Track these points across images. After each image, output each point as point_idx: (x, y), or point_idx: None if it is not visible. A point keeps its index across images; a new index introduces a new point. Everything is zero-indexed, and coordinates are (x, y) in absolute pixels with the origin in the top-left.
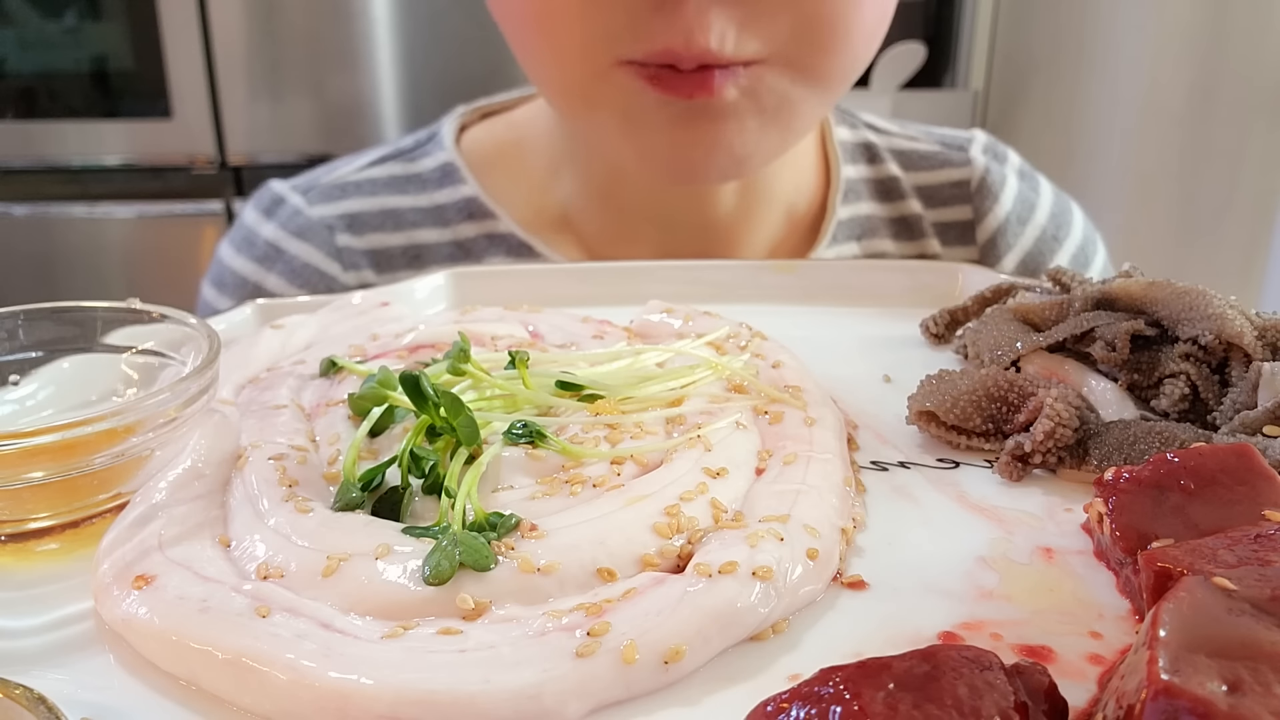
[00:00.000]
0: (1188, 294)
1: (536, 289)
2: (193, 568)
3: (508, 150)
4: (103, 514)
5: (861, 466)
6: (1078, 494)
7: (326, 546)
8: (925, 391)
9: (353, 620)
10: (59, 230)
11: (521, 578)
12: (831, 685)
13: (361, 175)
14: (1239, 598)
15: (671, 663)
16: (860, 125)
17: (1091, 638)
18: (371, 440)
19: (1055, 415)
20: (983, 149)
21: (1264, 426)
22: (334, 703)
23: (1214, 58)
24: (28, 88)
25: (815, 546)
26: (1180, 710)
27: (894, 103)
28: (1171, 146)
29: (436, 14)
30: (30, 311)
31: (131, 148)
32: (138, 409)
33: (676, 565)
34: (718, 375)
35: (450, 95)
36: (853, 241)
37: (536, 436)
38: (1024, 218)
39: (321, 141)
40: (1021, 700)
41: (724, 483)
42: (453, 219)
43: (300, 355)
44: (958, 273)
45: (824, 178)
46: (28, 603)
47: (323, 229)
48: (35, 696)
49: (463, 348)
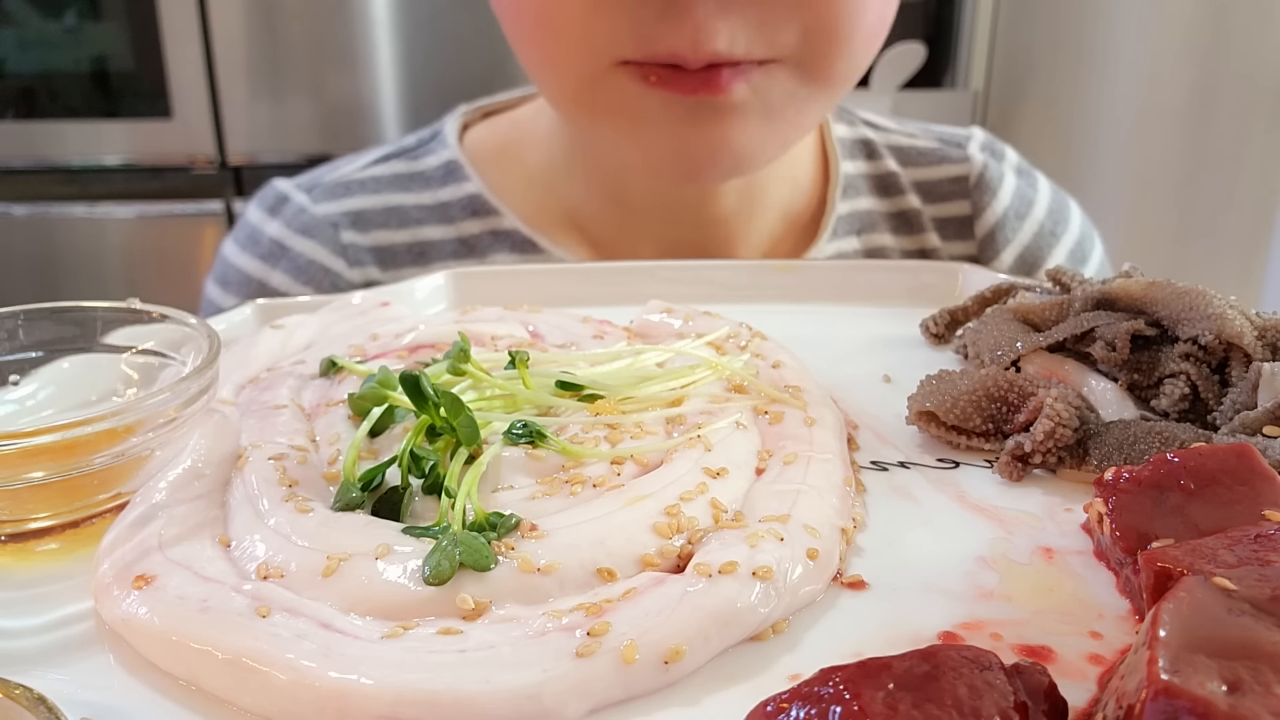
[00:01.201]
0: (1188, 294)
1: (536, 289)
2: (193, 568)
3: (510, 148)
4: (103, 514)
5: (861, 466)
6: (1078, 494)
7: (326, 546)
8: (925, 391)
9: (353, 620)
10: (59, 230)
11: (521, 578)
12: (831, 685)
13: (365, 173)
14: (1239, 598)
15: (671, 663)
16: (858, 122)
17: (1091, 638)
18: (371, 440)
19: (1055, 415)
20: (980, 146)
21: (1264, 426)
22: (334, 703)
23: (1214, 58)
24: (28, 88)
25: (815, 546)
26: (1180, 710)
27: (894, 103)
28: (1171, 146)
29: (436, 14)
30: (30, 311)
31: (131, 148)
32: (138, 409)
33: (676, 565)
34: (718, 375)
35: (450, 95)
36: (852, 236)
37: (536, 436)
38: (1022, 213)
39: (322, 141)
40: (1021, 700)
41: (724, 483)
42: (457, 216)
43: (300, 355)
44: (958, 272)
45: (823, 174)
46: (28, 603)
47: (327, 226)
48: (35, 696)
49: (463, 348)
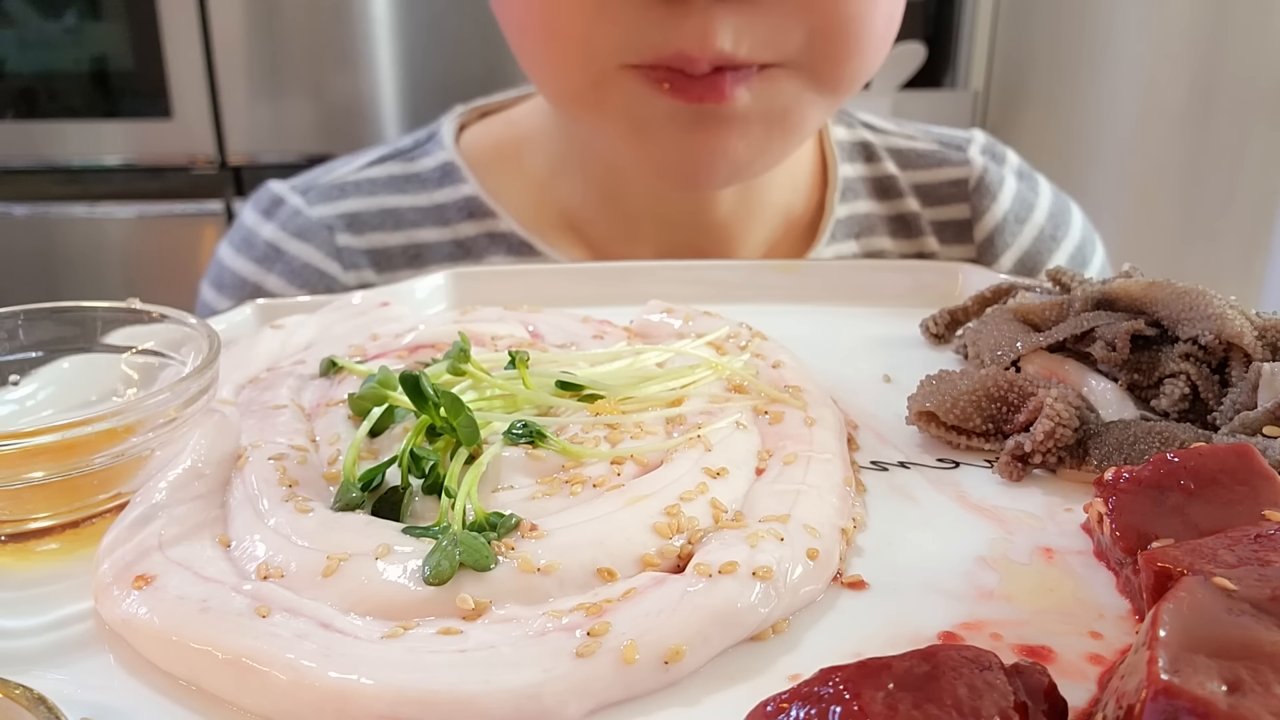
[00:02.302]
0: (1188, 294)
1: (536, 289)
2: (193, 568)
3: (507, 149)
4: (103, 514)
5: (861, 466)
6: (1078, 494)
7: (326, 546)
8: (925, 391)
9: (353, 620)
10: (59, 230)
11: (521, 578)
12: (831, 685)
13: (360, 175)
14: (1239, 598)
15: (671, 663)
16: (857, 124)
17: (1091, 638)
18: (371, 440)
19: (1055, 415)
20: (981, 149)
21: (1264, 427)
22: (334, 703)
23: (1214, 58)
24: (28, 88)
25: (815, 546)
26: (1180, 710)
27: (894, 103)
28: (1171, 146)
29: (436, 14)
30: (30, 311)
31: (131, 148)
32: (138, 409)
33: (676, 565)
34: (718, 375)
35: (450, 95)
36: (851, 240)
37: (536, 436)
38: (1022, 217)
39: (321, 141)
40: (1021, 700)
41: (724, 483)
42: (453, 218)
43: (300, 355)
44: (958, 273)
45: (821, 177)
46: (28, 603)
47: (322, 229)
48: (35, 696)
49: (463, 348)
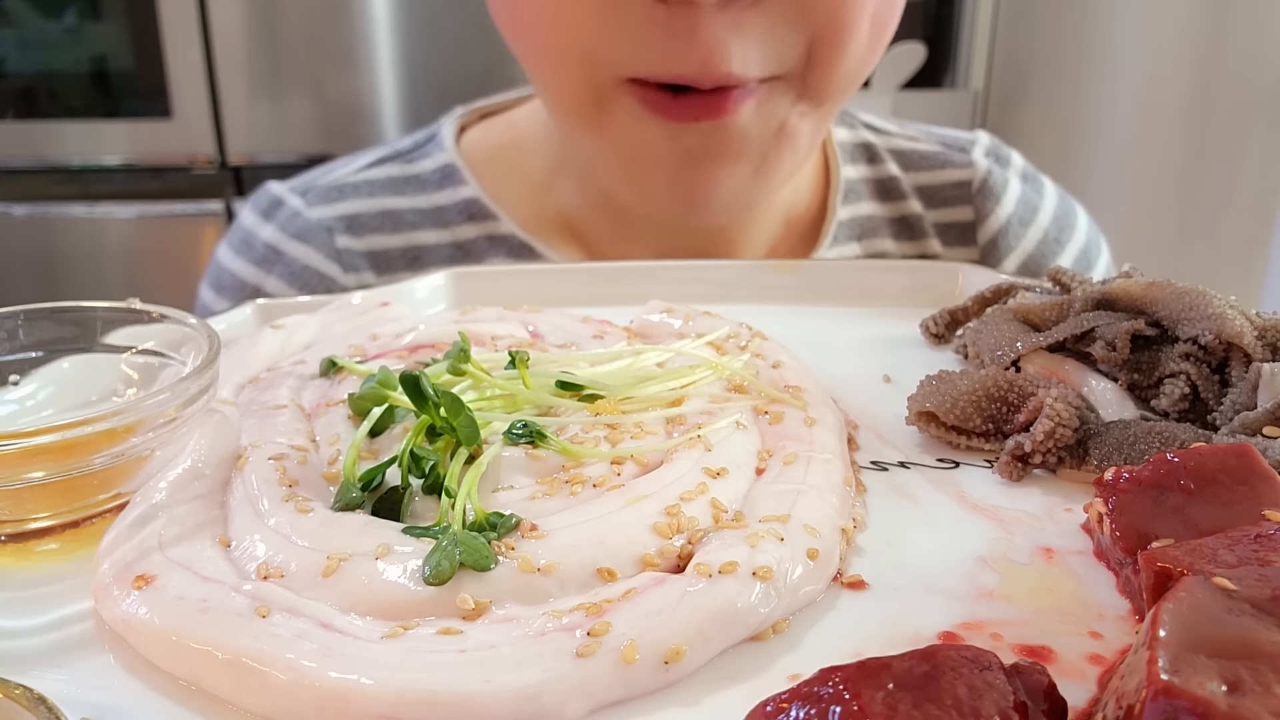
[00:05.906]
0: (1188, 294)
1: (536, 289)
2: (193, 568)
3: (507, 151)
4: (103, 514)
5: (861, 466)
6: (1078, 494)
7: (326, 546)
8: (925, 392)
9: (353, 620)
10: (59, 230)
11: (521, 578)
12: (831, 685)
13: (360, 176)
14: (1239, 598)
15: (671, 663)
16: (859, 125)
17: (1091, 638)
18: (371, 440)
19: (1055, 415)
20: (985, 151)
21: (1264, 427)
22: (334, 703)
23: (1214, 58)
24: (28, 88)
25: (815, 546)
26: (1180, 710)
27: (894, 103)
28: (1171, 146)
29: (436, 14)
30: (30, 311)
31: (131, 148)
32: (138, 409)
33: (676, 565)
34: (718, 375)
35: (450, 95)
36: (853, 242)
37: (536, 436)
38: (1026, 220)
39: (321, 141)
40: (1021, 700)
41: (724, 483)
42: (453, 220)
43: (300, 355)
44: (958, 273)
45: (823, 179)
46: (28, 603)
47: (322, 231)
48: (35, 696)
49: (463, 348)
